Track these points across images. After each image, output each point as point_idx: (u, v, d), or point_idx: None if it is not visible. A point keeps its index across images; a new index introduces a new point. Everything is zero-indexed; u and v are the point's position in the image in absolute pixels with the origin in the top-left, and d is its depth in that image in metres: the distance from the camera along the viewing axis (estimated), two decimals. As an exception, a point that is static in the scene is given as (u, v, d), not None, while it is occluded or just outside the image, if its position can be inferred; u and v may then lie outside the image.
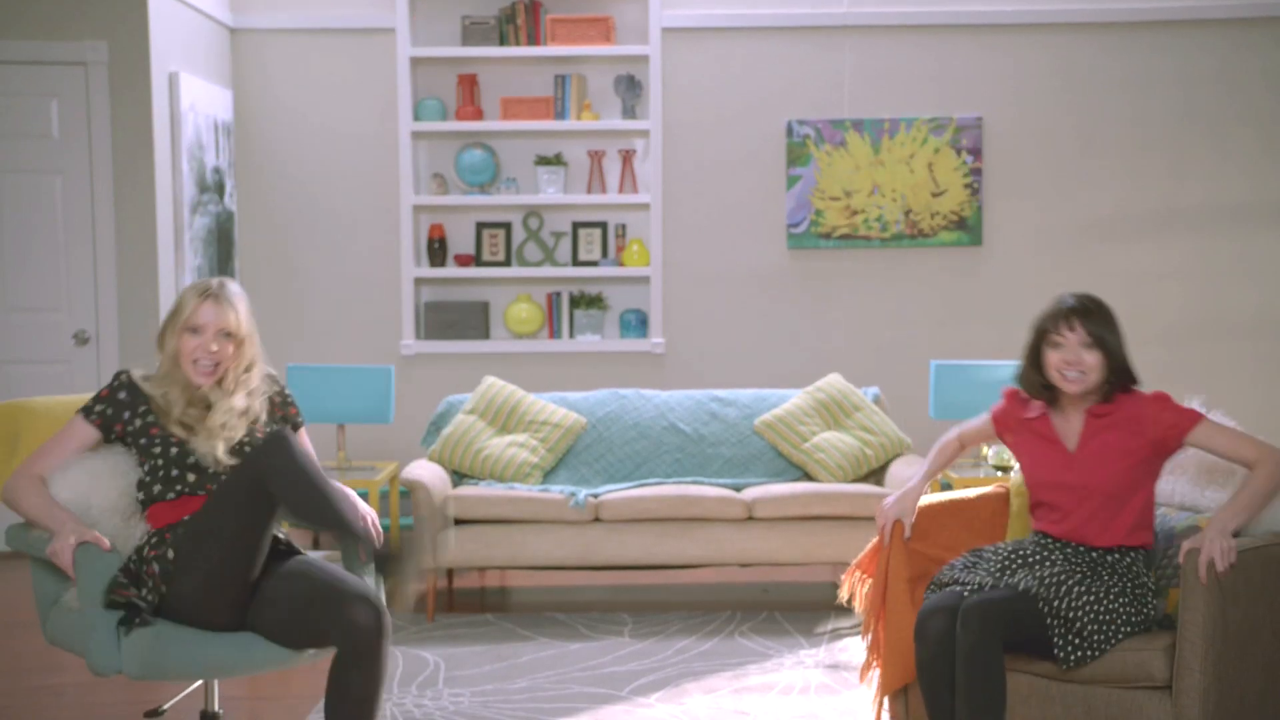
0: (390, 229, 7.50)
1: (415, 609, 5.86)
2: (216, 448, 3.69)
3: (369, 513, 3.73)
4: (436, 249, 7.50)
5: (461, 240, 7.59)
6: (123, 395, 3.76)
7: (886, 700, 3.96)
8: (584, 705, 4.65)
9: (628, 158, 7.49)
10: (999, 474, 5.91)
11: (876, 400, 6.32)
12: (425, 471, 5.76)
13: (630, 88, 7.41)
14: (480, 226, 7.53)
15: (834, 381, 6.31)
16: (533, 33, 7.34)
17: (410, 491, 5.66)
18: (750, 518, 5.71)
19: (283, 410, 3.90)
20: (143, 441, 3.72)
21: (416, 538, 5.30)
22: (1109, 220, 7.49)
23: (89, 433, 3.75)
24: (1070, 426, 3.76)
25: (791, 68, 7.45)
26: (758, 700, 4.68)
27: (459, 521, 5.71)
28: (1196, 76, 7.41)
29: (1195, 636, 3.37)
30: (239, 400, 3.75)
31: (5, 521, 3.86)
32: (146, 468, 3.71)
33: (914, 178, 7.40)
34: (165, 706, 4.16)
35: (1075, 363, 3.65)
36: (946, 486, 6.25)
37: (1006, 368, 6.32)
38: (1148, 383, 3.76)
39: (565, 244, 7.59)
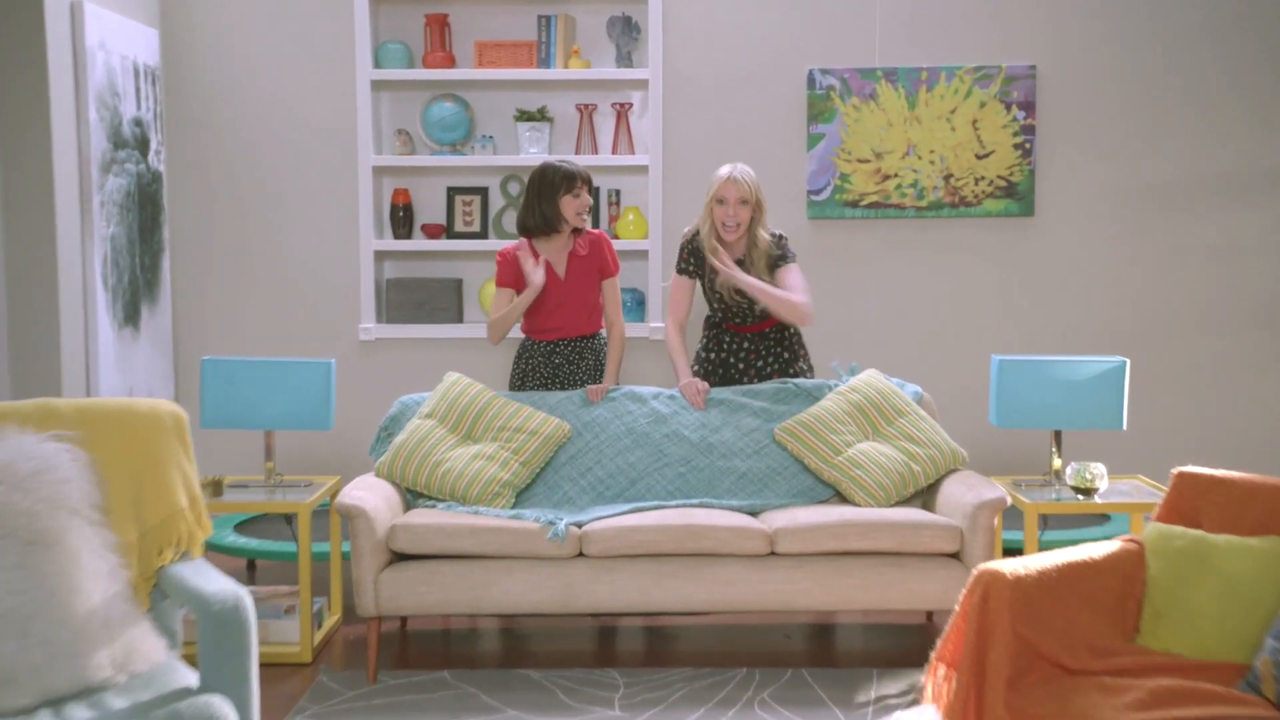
0: (347, 194, 7.15)
1: (353, 665, 4.88)
2: None
3: None
4: (401, 218, 7.20)
5: (430, 208, 7.26)
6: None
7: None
8: (561, 810, 3.74)
9: (623, 112, 7.11)
10: (1091, 500, 4.84)
11: (920, 400, 5.44)
12: (368, 493, 4.92)
13: (626, 31, 7.05)
14: (452, 191, 7.22)
15: (871, 379, 5.57)
16: (512, -36, 7.08)
17: (348, 520, 4.67)
18: (773, 553, 4.99)
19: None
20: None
21: None
22: (1183, 185, 7.05)
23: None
24: None
25: (814, 8, 7.06)
26: (786, 803, 3.78)
27: (409, 557, 4.97)
28: (1290, 16, 7.07)
29: None
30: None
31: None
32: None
33: (955, 136, 7.04)
34: None
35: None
36: (1046, 547, 5.22)
37: (1079, 364, 5.40)
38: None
39: (550, 212, 7.18)
